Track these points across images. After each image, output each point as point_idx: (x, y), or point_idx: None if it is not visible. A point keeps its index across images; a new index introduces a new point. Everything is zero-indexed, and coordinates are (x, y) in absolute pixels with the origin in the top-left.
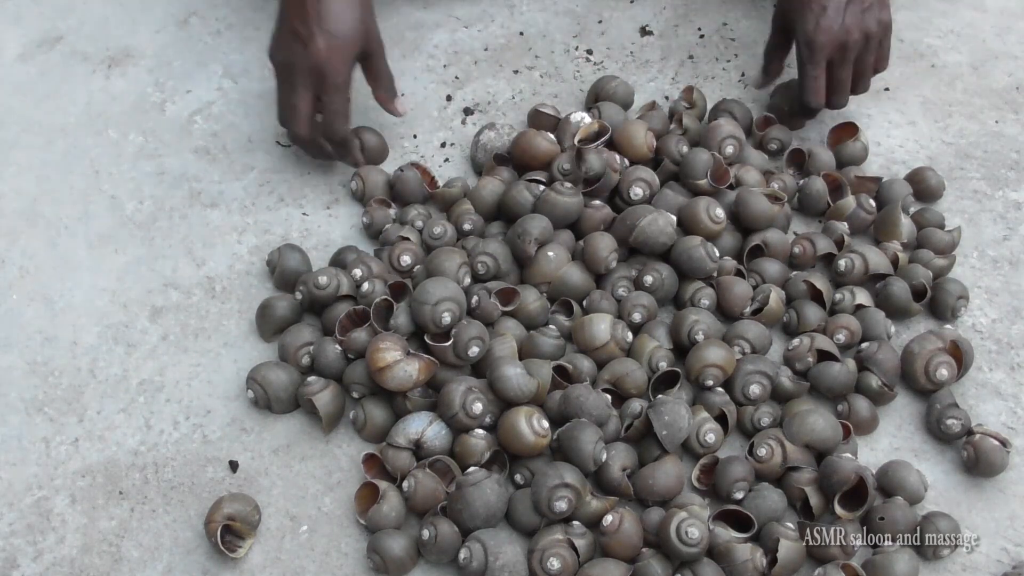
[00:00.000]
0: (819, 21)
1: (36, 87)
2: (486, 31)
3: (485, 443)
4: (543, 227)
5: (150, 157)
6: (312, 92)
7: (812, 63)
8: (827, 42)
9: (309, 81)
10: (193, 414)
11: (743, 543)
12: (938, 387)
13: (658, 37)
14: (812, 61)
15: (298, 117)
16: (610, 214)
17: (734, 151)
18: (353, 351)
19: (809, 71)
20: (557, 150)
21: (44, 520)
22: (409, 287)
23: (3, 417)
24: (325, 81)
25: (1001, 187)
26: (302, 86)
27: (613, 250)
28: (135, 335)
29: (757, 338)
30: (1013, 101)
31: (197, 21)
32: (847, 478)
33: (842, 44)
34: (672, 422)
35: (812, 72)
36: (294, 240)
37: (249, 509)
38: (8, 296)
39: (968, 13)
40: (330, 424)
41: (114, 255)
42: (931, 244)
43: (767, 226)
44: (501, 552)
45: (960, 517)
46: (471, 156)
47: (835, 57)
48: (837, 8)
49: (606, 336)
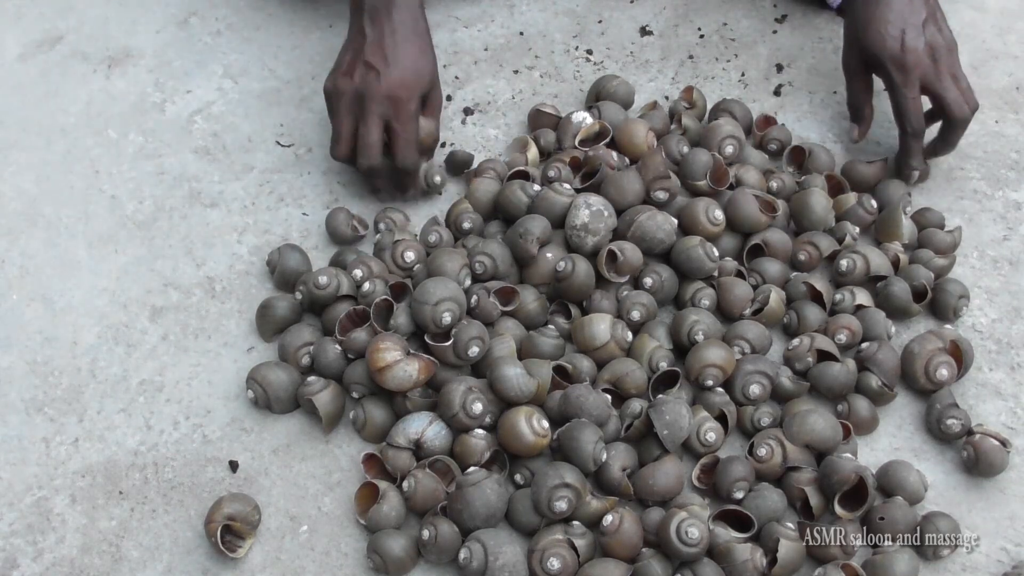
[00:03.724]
0: (903, 42)
1: (36, 87)
2: (486, 31)
3: (485, 443)
4: (544, 227)
5: (150, 157)
6: (383, 121)
7: (908, 86)
8: (917, 61)
9: (381, 109)
10: (193, 414)
11: (743, 543)
12: (938, 387)
13: (658, 37)
14: (908, 84)
15: (370, 146)
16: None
17: (734, 151)
18: (353, 351)
19: (907, 95)
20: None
21: (44, 520)
22: (409, 287)
23: (3, 417)
24: (399, 108)
25: (1001, 187)
26: (374, 113)
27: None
28: (135, 335)
29: (757, 338)
30: (1013, 101)
31: (197, 21)
32: (847, 478)
33: (933, 59)
34: (673, 422)
35: (910, 95)
36: (294, 240)
37: (249, 509)
38: (8, 296)
39: (968, 13)
40: (330, 424)
41: (114, 255)
42: (932, 244)
43: (756, 231)
44: (501, 552)
45: (960, 517)
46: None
47: (929, 74)
48: (916, 27)
49: (606, 336)
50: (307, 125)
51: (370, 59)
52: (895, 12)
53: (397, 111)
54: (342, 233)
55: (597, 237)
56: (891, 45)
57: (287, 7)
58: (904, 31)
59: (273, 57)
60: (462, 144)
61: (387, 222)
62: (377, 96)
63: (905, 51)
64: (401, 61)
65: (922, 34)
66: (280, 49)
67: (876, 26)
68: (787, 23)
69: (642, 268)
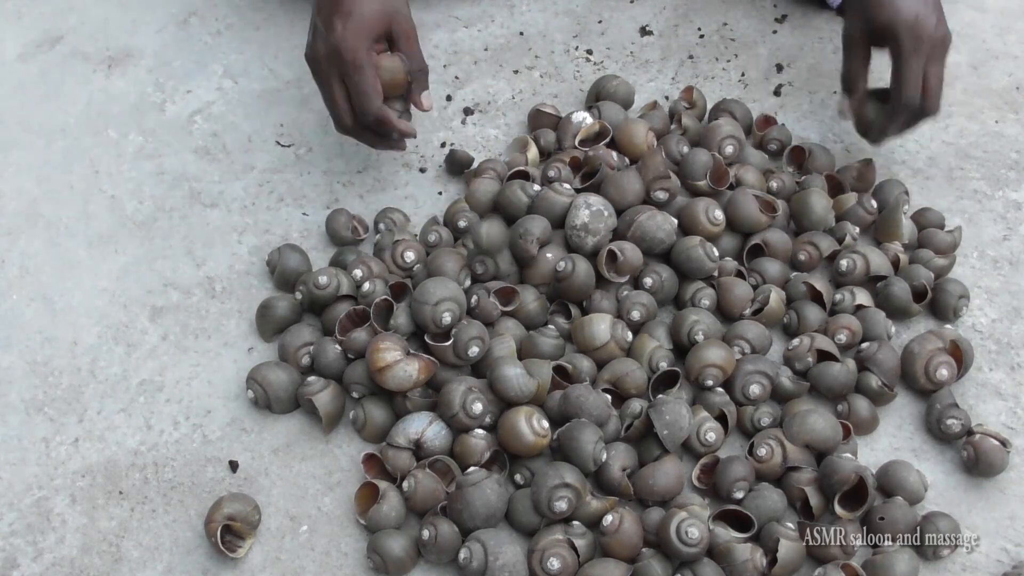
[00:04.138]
0: (918, 14)
1: (36, 87)
2: (486, 31)
3: (485, 443)
4: (544, 227)
5: (150, 157)
6: (339, 80)
7: (917, 55)
8: (930, 35)
9: (334, 68)
10: (193, 414)
11: (743, 543)
12: (938, 387)
13: (658, 37)
14: (917, 52)
15: (336, 109)
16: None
17: (734, 151)
18: (353, 351)
19: (912, 64)
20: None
21: (44, 520)
22: (409, 287)
23: (3, 417)
24: (343, 61)
25: (1001, 187)
26: (329, 75)
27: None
28: (135, 335)
29: (757, 338)
30: (1013, 101)
31: (197, 21)
32: (847, 478)
33: (941, 40)
34: (673, 421)
35: (915, 66)
36: (294, 240)
37: (249, 509)
38: (8, 296)
39: (968, 13)
40: (330, 424)
41: (114, 255)
42: (932, 244)
43: (756, 231)
44: (501, 552)
45: (960, 517)
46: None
47: (935, 53)
48: (928, 5)
49: (606, 336)
50: (307, 125)
51: (316, 19)
52: None
53: (343, 66)
54: (342, 235)
55: (597, 237)
56: (907, 14)
57: (287, 7)
58: (919, 4)
59: (273, 57)
60: (462, 144)
61: (387, 222)
62: (324, 58)
63: (918, 22)
64: (343, 8)
65: (933, 14)
66: (280, 49)
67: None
68: (787, 23)
69: (642, 268)
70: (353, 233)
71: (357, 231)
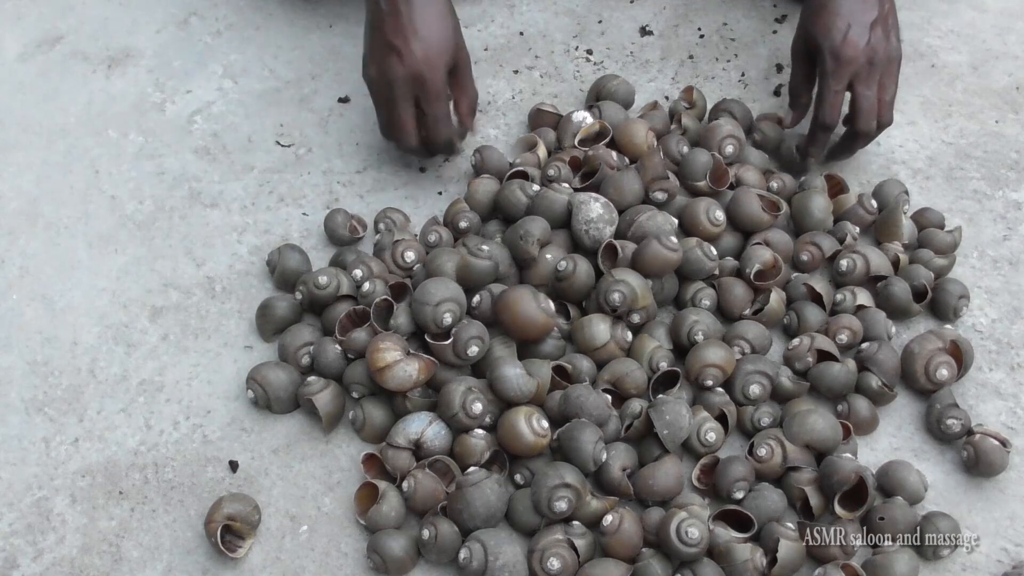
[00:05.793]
0: (846, 35)
1: (36, 87)
2: (486, 31)
3: (485, 443)
4: (544, 228)
5: (150, 157)
6: (413, 102)
7: (836, 77)
8: (853, 56)
9: (409, 91)
10: (193, 414)
11: (743, 543)
12: (938, 387)
13: (658, 37)
14: (836, 75)
15: (405, 129)
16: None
17: (734, 151)
18: (353, 351)
19: (832, 85)
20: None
21: (44, 520)
22: (409, 287)
23: (3, 417)
24: (424, 88)
25: (1001, 187)
26: (402, 98)
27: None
28: (135, 335)
29: (757, 338)
30: (1013, 101)
31: (197, 21)
32: (847, 478)
33: (869, 60)
34: (673, 421)
35: (834, 87)
36: (294, 240)
37: (249, 509)
38: (8, 296)
39: (968, 13)
40: (330, 424)
41: (114, 255)
42: (932, 244)
43: (758, 230)
44: (501, 552)
45: (960, 517)
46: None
47: (861, 73)
48: (863, 25)
49: (606, 336)
50: (307, 125)
51: (390, 39)
52: (846, 6)
53: (423, 90)
54: (340, 234)
55: (613, 226)
56: (834, 35)
57: (287, 7)
58: (850, 25)
59: (273, 57)
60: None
61: (387, 222)
62: (401, 79)
63: (844, 43)
64: (421, 35)
65: (867, 33)
66: (280, 49)
67: (825, 15)
68: (787, 23)
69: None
70: (351, 232)
71: (355, 230)
